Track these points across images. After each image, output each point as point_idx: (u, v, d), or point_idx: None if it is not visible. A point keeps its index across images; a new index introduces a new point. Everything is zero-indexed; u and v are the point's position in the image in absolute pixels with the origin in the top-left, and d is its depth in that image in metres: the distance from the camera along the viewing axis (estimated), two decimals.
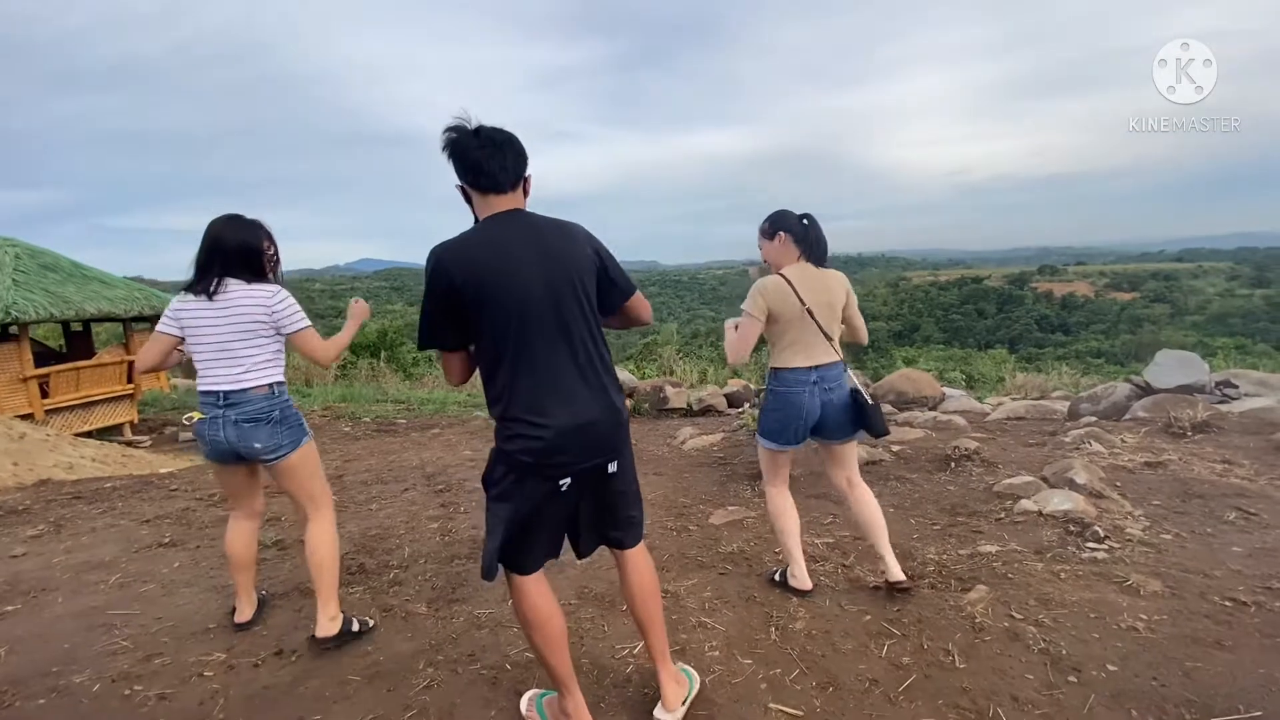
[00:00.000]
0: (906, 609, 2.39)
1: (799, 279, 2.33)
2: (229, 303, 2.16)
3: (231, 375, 2.17)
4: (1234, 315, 49.30)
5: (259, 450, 2.21)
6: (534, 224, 1.65)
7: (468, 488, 4.36)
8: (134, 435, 9.34)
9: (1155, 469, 3.79)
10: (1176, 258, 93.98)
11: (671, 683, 1.86)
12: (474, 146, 1.61)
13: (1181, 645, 2.08)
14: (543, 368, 1.61)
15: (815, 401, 2.37)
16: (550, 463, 1.60)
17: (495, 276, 1.57)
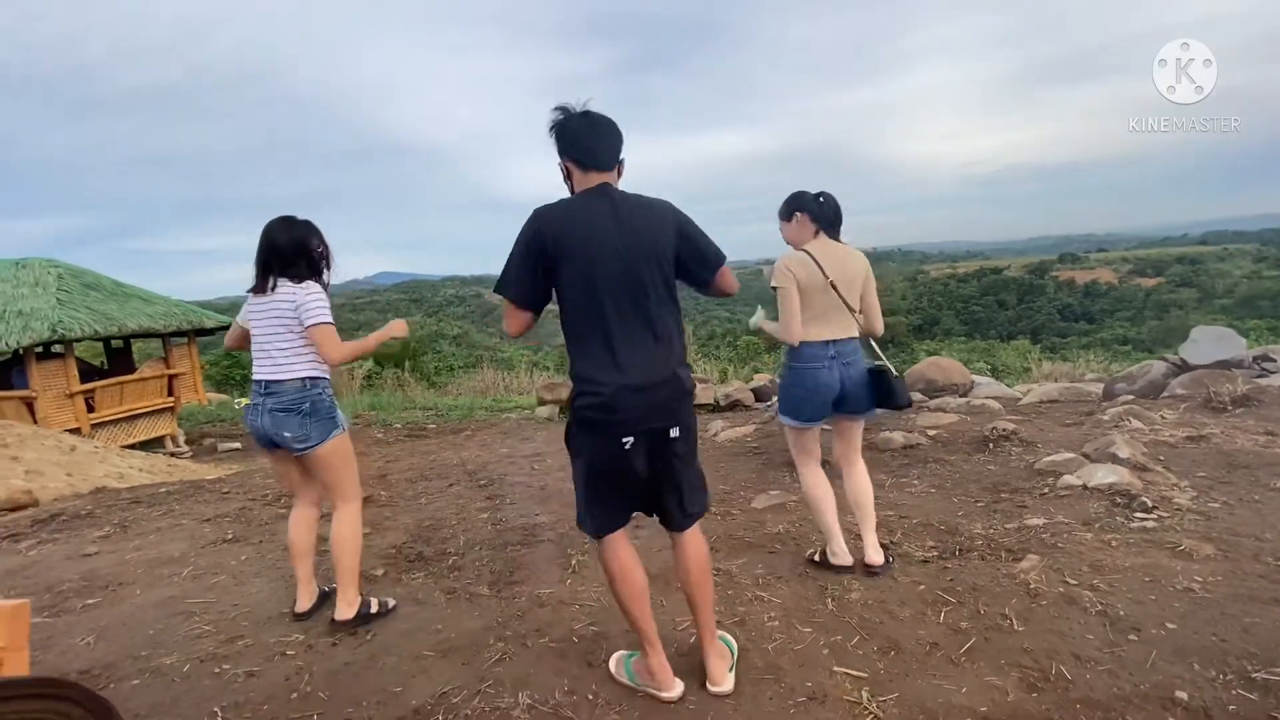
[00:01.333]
0: (960, 577, 2.44)
1: (821, 253, 2.39)
2: (272, 299, 2.31)
3: (269, 367, 2.31)
4: (1263, 297, 48.07)
5: (288, 439, 2.31)
6: (619, 198, 1.77)
7: (509, 481, 4.46)
8: (175, 447, 9.62)
9: (1198, 442, 3.78)
10: (1201, 241, 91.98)
11: (715, 658, 1.92)
12: (582, 127, 1.76)
13: (1238, 603, 2.10)
14: (610, 332, 1.72)
15: (835, 375, 2.40)
16: (611, 420, 1.72)
17: (575, 242, 1.70)
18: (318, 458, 2.36)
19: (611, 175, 1.81)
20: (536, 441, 6.15)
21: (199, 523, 3.82)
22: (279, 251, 2.32)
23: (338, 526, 2.44)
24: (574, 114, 1.79)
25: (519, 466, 4.97)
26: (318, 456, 2.36)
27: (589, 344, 1.75)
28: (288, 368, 2.31)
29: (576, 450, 1.85)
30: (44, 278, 8.49)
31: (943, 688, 1.85)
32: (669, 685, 1.87)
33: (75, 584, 2.95)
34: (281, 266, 2.32)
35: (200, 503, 4.38)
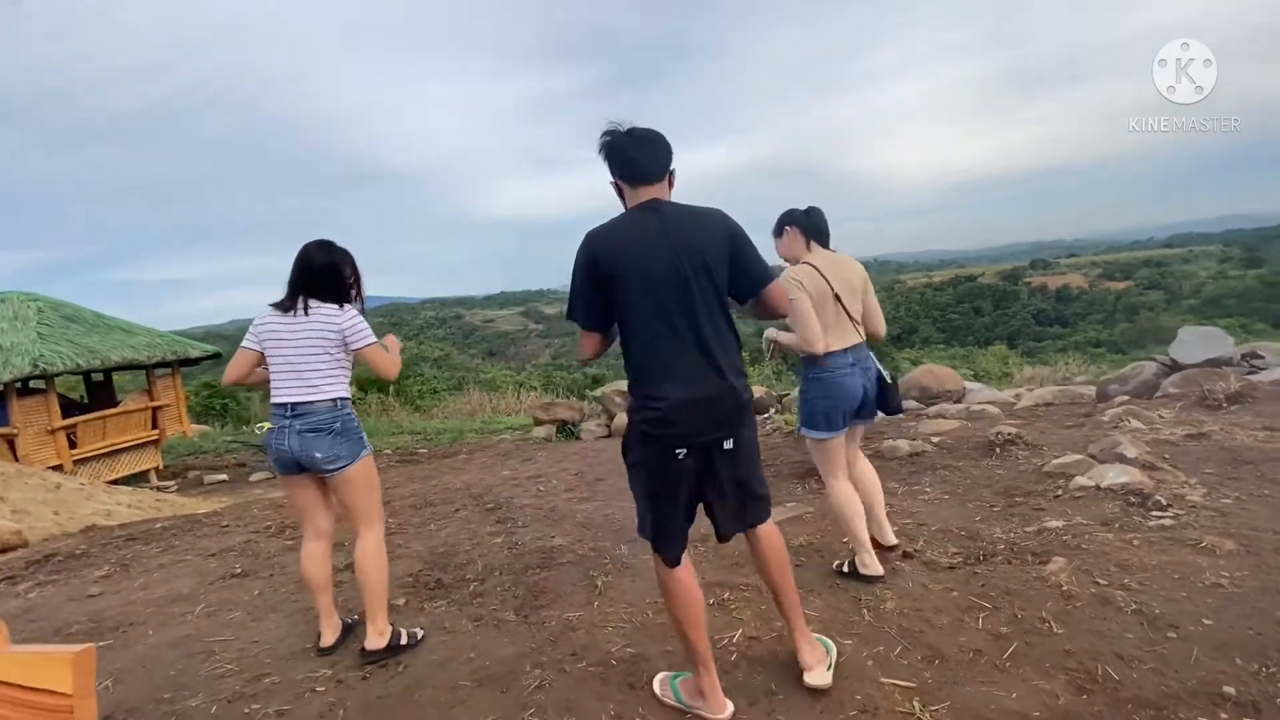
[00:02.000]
0: (991, 582, 2.45)
1: (824, 264, 2.43)
2: (306, 320, 2.28)
3: (300, 388, 2.27)
4: (1229, 297, 49.53)
5: (319, 460, 2.27)
6: (670, 211, 1.80)
7: (517, 504, 4.41)
8: (160, 481, 9.37)
9: (1199, 440, 3.86)
10: (1166, 244, 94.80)
11: (810, 648, 1.93)
12: (628, 145, 1.80)
13: (1269, 597, 2.14)
14: (665, 345, 1.74)
15: (858, 383, 2.45)
16: (667, 433, 1.73)
17: (629, 257, 1.73)
18: (347, 478, 2.33)
19: (661, 187, 1.83)
20: (538, 462, 6.10)
21: (204, 558, 3.71)
22: (312, 274, 2.31)
23: (363, 553, 2.38)
24: (619, 133, 1.82)
25: (524, 489, 4.92)
26: (347, 477, 2.32)
27: (646, 358, 1.78)
28: (321, 389, 2.29)
29: (633, 463, 1.86)
30: (23, 311, 8.29)
31: (993, 694, 1.85)
32: (720, 707, 1.85)
33: (83, 626, 2.85)
34: (311, 290, 2.31)
35: (201, 537, 4.27)
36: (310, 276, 2.31)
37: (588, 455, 6.10)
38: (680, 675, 2.00)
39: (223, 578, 3.35)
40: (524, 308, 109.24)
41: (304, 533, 2.51)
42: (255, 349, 2.34)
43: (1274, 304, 44.21)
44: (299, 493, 2.43)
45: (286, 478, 2.40)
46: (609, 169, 1.86)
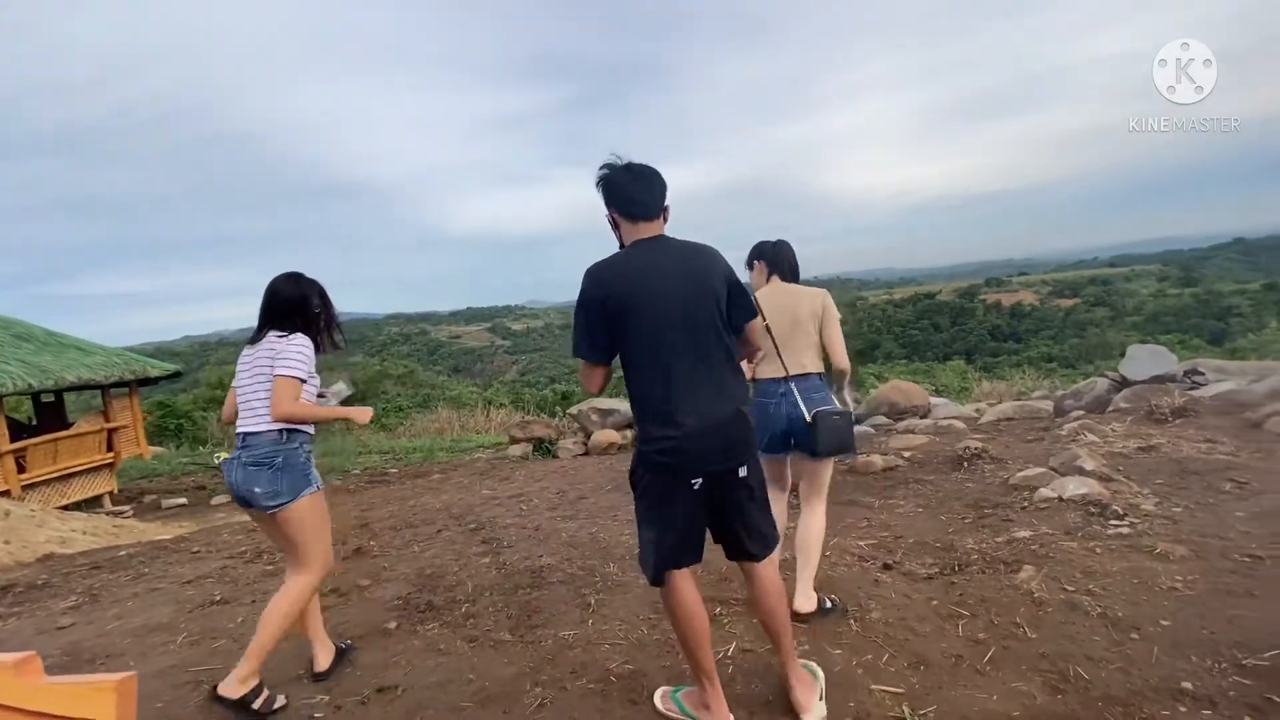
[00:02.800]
0: (968, 591, 2.59)
1: (766, 297, 2.50)
2: (258, 350, 2.26)
3: (248, 418, 2.23)
4: (1168, 314, 52.30)
5: (258, 495, 2.16)
6: (675, 248, 1.87)
7: (501, 524, 4.41)
8: (114, 505, 9.00)
9: (1149, 452, 4.12)
10: (1109, 263, 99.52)
11: (801, 686, 1.94)
12: (627, 180, 1.85)
13: (1219, 598, 2.32)
14: (676, 377, 1.78)
15: (783, 413, 2.45)
16: (682, 463, 1.77)
17: (638, 293, 1.77)
18: (286, 518, 2.20)
19: (659, 223, 1.89)
20: (517, 481, 6.10)
21: (179, 585, 3.62)
22: (277, 306, 2.28)
23: (280, 595, 2.23)
24: (618, 168, 1.88)
25: (507, 508, 4.92)
26: (286, 516, 2.20)
27: (655, 389, 1.80)
28: (264, 418, 2.21)
29: (643, 492, 1.86)
30: None
31: (975, 696, 1.97)
32: (725, 718, 1.91)
33: (58, 659, 2.75)
34: (274, 320, 2.28)
35: (172, 564, 4.16)
36: (275, 308, 2.28)
37: (567, 473, 6.12)
38: (681, 689, 2.07)
39: (202, 605, 3.28)
40: (491, 324, 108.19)
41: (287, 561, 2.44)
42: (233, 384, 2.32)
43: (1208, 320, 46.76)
44: (261, 526, 2.40)
45: (246, 510, 2.30)
46: (605, 203, 1.91)
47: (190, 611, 3.21)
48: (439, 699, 2.21)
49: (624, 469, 6.07)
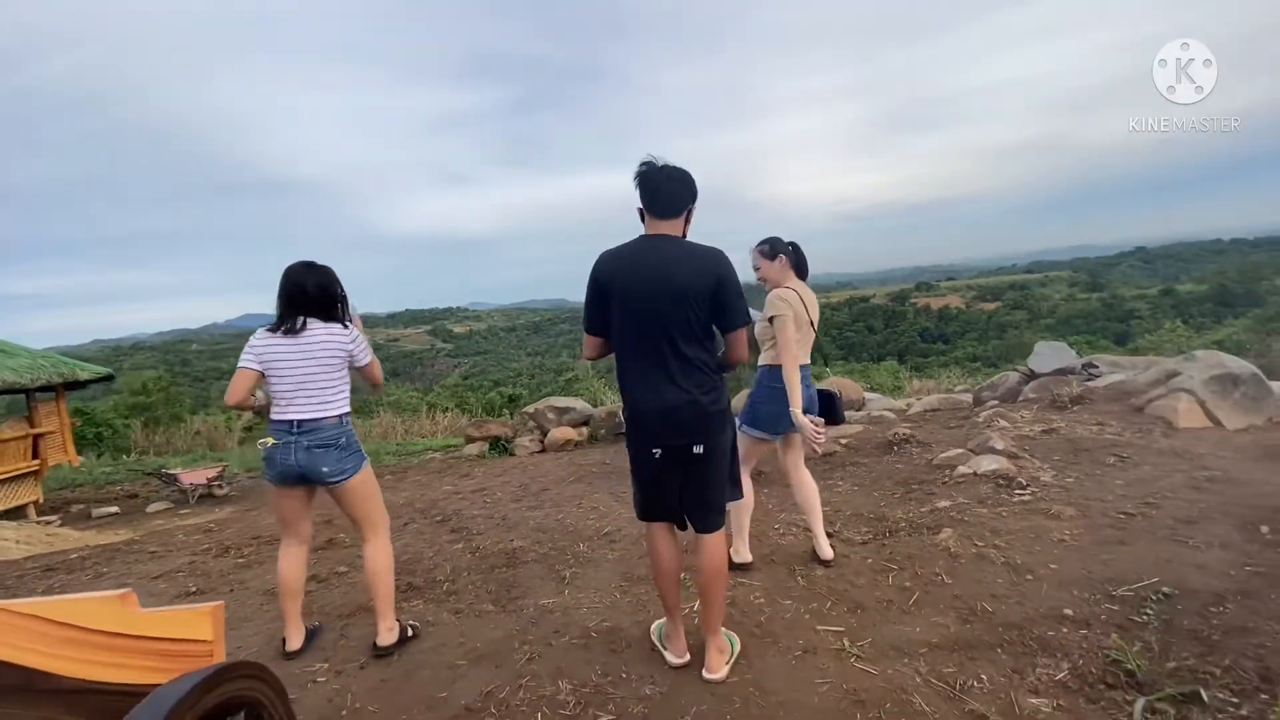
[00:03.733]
0: (897, 550, 2.98)
1: (804, 293, 2.86)
2: (311, 340, 2.41)
3: (310, 405, 2.42)
4: (1078, 316, 56.37)
5: (326, 474, 2.43)
6: (668, 245, 2.02)
7: (468, 515, 4.58)
8: (40, 516, 8.55)
9: (1050, 434, 4.68)
10: (1027, 270, 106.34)
11: (715, 651, 2.19)
12: (657, 178, 2.05)
13: (1097, 546, 2.79)
14: (642, 358, 2.05)
15: (807, 396, 2.83)
16: (641, 432, 2.08)
17: (623, 280, 2.02)
18: (352, 488, 2.49)
19: (676, 224, 2.07)
20: (477, 478, 6.24)
21: (148, 581, 3.65)
22: (308, 295, 2.45)
23: (373, 556, 2.56)
24: (654, 166, 2.03)
25: (471, 501, 5.08)
26: (351, 487, 2.49)
27: (627, 366, 2.08)
28: (330, 405, 2.44)
29: (628, 449, 2.17)
30: None
31: (901, 630, 2.34)
32: (679, 653, 2.24)
33: None
34: (309, 309, 2.45)
35: (132, 564, 4.14)
36: (307, 299, 2.45)
37: (527, 469, 6.31)
38: (663, 623, 2.38)
39: (177, 597, 3.34)
40: (431, 326, 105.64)
41: (285, 538, 2.63)
42: (255, 369, 2.42)
43: (1113, 322, 50.64)
44: (289, 502, 2.56)
45: (282, 488, 2.51)
46: (639, 197, 2.07)
47: (168, 603, 3.26)
48: (433, 659, 2.42)
49: (583, 463, 6.33)
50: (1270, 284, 50.64)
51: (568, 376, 22.93)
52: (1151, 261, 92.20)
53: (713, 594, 2.19)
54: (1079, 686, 1.98)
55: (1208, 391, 4.63)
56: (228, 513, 6.34)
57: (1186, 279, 67.06)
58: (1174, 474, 3.55)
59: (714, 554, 2.19)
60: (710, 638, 2.21)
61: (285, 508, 2.58)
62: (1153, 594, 2.35)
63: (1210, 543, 2.69)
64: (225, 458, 10.72)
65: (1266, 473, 3.50)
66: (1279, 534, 2.68)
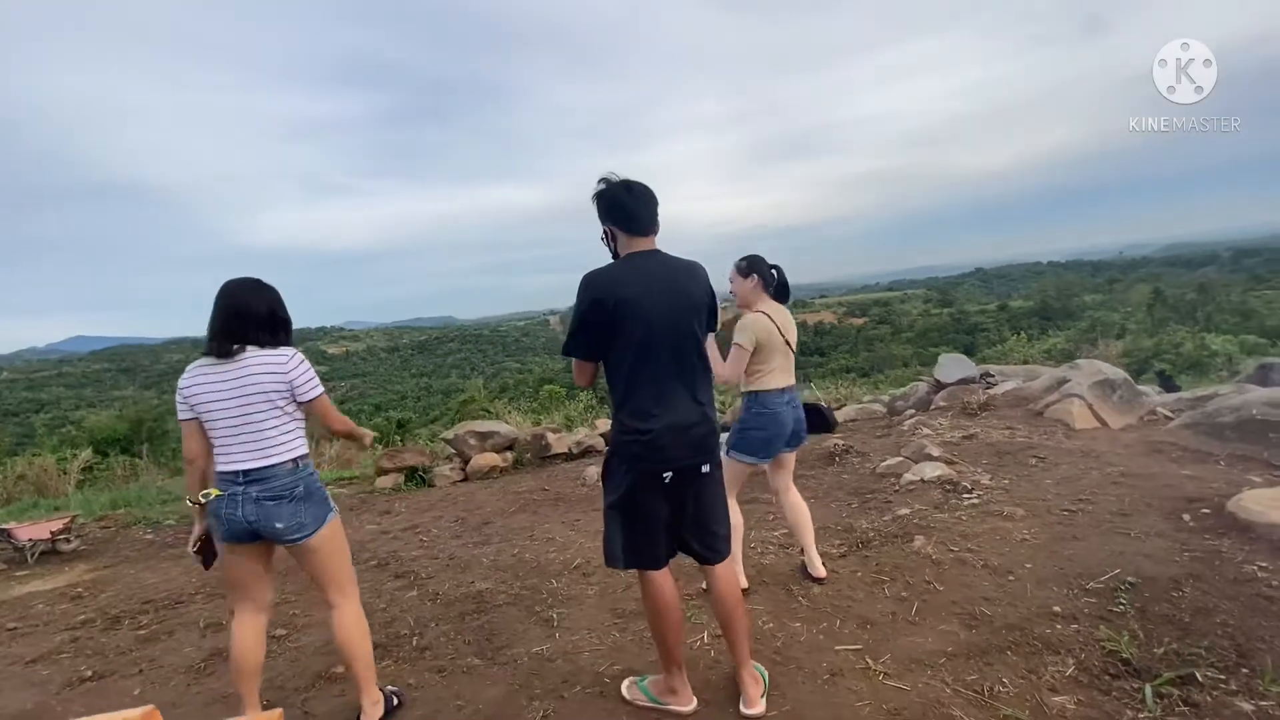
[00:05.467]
0: (881, 561, 3.06)
1: (778, 316, 2.87)
2: (243, 371, 2.02)
3: (252, 453, 2.05)
4: (933, 330, 62.69)
5: (280, 530, 2.07)
6: (668, 262, 2.02)
7: (407, 557, 4.19)
8: None
9: (970, 439, 5.08)
10: (888, 288, 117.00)
11: (751, 683, 2.13)
12: (629, 201, 1.99)
13: (1056, 543, 3.02)
14: (659, 378, 1.97)
15: (790, 417, 2.84)
16: (656, 456, 1.95)
17: (632, 301, 1.92)
18: (314, 547, 2.12)
19: (653, 237, 2.04)
20: (401, 514, 5.74)
21: (22, 666, 2.96)
22: (250, 317, 2.06)
23: (344, 624, 2.19)
24: (616, 184, 2.00)
25: (405, 541, 4.66)
26: (313, 546, 2.12)
27: (639, 388, 1.96)
28: (280, 449, 2.07)
29: (616, 485, 2.00)
30: None
31: (915, 642, 2.38)
32: (689, 700, 2.12)
33: None
34: (246, 334, 2.05)
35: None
36: (249, 320, 2.06)
37: (457, 500, 5.91)
38: (646, 678, 2.24)
39: (70, 684, 2.74)
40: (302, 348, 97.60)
41: (237, 608, 2.20)
42: (191, 416, 2.05)
43: (962, 335, 56.74)
44: (243, 562, 2.14)
45: (232, 545, 2.11)
46: (605, 217, 2.03)
47: (59, 693, 2.66)
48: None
49: (519, 491, 6.03)
50: (1080, 300, 59.39)
51: (461, 398, 21.99)
52: (988, 281, 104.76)
53: (740, 624, 2.13)
54: (1089, 680, 2.11)
55: (1093, 395, 5.24)
56: (87, 572, 5.36)
57: (1017, 296, 76.88)
58: (1090, 472, 3.96)
59: (731, 582, 2.14)
60: (744, 670, 2.14)
61: (236, 569, 2.16)
62: (1120, 584, 2.57)
63: (1147, 533, 3.00)
64: (61, 505, 9.16)
65: (1161, 466, 4.00)
66: (1199, 521, 3.05)
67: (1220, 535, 2.86)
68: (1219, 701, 1.93)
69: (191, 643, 3.07)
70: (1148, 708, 1.94)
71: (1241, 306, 32.51)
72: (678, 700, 2.11)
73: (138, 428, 16.19)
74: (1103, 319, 31.25)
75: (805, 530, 3.00)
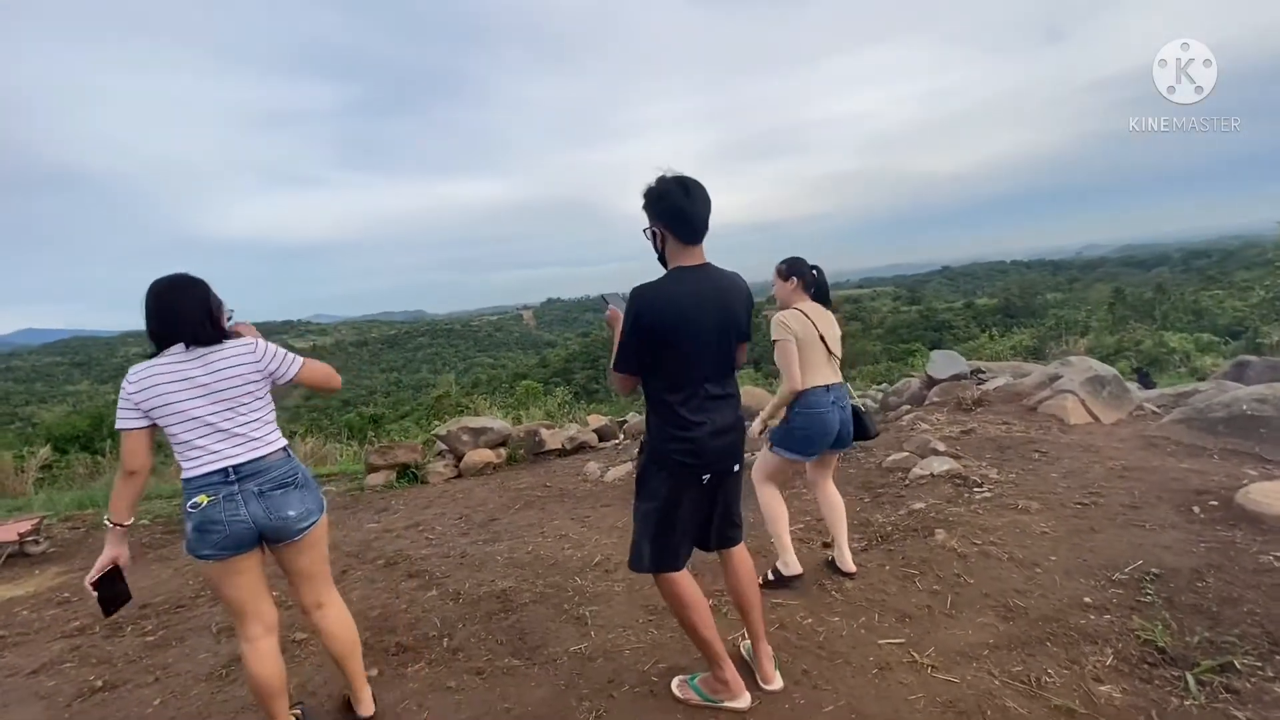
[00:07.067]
0: (908, 555, 3.10)
1: (814, 313, 2.89)
2: (215, 365, 1.91)
3: (240, 445, 1.93)
4: (902, 327, 63.99)
5: (291, 520, 1.95)
6: (718, 281, 2.02)
7: (417, 556, 4.11)
8: None
9: (970, 434, 5.18)
10: (859, 285, 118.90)
11: (766, 659, 2.21)
12: (687, 203, 1.94)
13: (1076, 536, 3.10)
14: (704, 389, 2.00)
15: (835, 418, 2.82)
16: (700, 461, 1.99)
17: (683, 322, 1.94)
18: (317, 537, 2.08)
19: (702, 247, 2.01)
20: (400, 511, 5.63)
21: (25, 678, 2.81)
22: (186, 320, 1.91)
23: (339, 618, 2.17)
24: (672, 182, 1.94)
25: (411, 540, 4.56)
26: (318, 535, 2.07)
27: (685, 397, 1.98)
28: (266, 440, 1.97)
29: (653, 490, 2.03)
30: None
31: (956, 635, 2.42)
32: (743, 692, 2.13)
33: None
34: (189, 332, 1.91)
35: None
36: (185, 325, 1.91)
37: (455, 497, 5.81)
38: (696, 676, 2.24)
39: (81, 696, 2.61)
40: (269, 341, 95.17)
41: (246, 629, 2.02)
42: (142, 425, 1.87)
43: (930, 332, 58.03)
44: (243, 578, 1.97)
45: (226, 563, 1.92)
46: (657, 217, 1.99)
47: (69, 705, 2.53)
48: None
49: (518, 488, 5.96)
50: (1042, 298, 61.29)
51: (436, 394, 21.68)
52: (955, 279, 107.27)
53: (757, 600, 2.24)
54: (1129, 669, 2.17)
55: (1085, 391, 5.39)
56: (61, 575, 5.12)
57: (982, 294, 78.84)
58: (1093, 466, 4.07)
59: (747, 561, 2.24)
60: (761, 645, 2.22)
61: (238, 587, 1.97)
62: (1145, 575, 2.65)
63: (1161, 525, 3.10)
64: (22, 505, 8.76)
65: (1159, 460, 4.13)
66: (1208, 513, 3.16)
67: (1231, 527, 2.97)
68: (1259, 688, 1.99)
69: (206, 648, 2.95)
70: (1191, 695, 2.00)
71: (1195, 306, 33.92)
72: (730, 694, 2.11)
73: (99, 424, 15.60)
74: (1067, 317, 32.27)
75: (839, 525, 3.02)
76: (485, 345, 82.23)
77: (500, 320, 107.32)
